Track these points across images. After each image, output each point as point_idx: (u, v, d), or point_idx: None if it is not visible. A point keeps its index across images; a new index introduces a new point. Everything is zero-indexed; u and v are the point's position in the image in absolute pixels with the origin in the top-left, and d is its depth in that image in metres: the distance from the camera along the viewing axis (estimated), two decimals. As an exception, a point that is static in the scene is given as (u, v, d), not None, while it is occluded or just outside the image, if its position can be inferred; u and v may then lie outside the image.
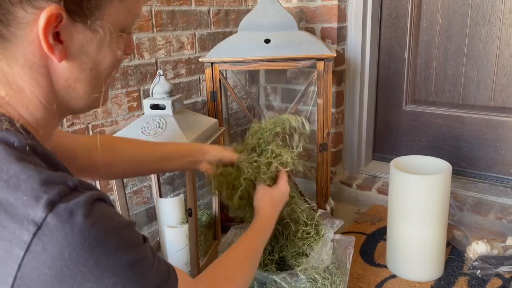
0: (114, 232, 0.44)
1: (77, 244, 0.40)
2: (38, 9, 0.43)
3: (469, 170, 1.63)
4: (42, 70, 0.48)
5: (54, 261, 0.39)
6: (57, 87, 0.50)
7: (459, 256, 1.29)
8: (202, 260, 1.25)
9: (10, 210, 0.40)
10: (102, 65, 0.52)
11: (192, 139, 1.10)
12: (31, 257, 0.39)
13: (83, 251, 0.40)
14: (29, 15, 0.43)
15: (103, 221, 0.43)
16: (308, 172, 1.73)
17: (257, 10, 1.37)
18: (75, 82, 0.51)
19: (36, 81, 0.48)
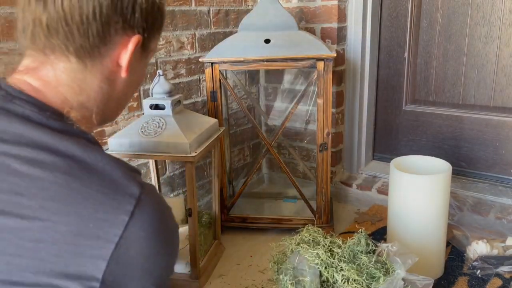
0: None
1: (161, 215, 0.53)
2: (128, 36, 0.56)
3: (469, 170, 1.63)
4: (108, 82, 0.59)
5: (147, 226, 0.51)
6: (113, 96, 0.62)
7: (459, 256, 1.29)
8: (202, 260, 1.25)
9: (114, 184, 0.51)
10: (139, 82, 0.67)
11: (192, 139, 1.10)
12: (133, 223, 0.49)
13: (161, 223, 0.53)
14: (121, 40, 0.56)
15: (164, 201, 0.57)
16: (308, 172, 1.73)
17: (257, 10, 1.37)
18: (124, 93, 0.64)
19: (101, 90, 0.59)
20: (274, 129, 1.76)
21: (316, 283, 0.98)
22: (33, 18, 0.53)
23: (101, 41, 0.55)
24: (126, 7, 0.54)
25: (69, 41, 0.54)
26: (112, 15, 0.53)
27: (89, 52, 0.55)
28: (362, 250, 1.04)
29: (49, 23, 0.53)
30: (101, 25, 0.53)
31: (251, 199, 1.66)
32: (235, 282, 1.25)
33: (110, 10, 0.53)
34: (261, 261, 1.34)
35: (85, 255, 0.47)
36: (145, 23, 0.57)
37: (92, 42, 0.54)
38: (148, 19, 0.58)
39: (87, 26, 0.53)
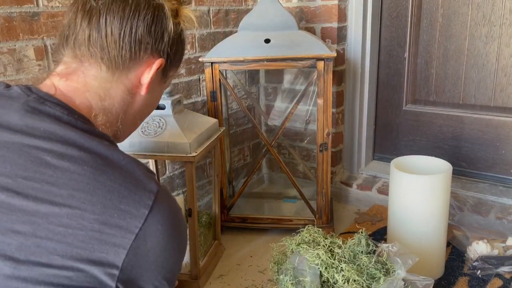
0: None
1: (175, 212, 0.59)
2: (153, 58, 0.65)
3: (469, 170, 1.63)
4: (129, 96, 0.66)
5: (164, 220, 0.56)
6: (130, 111, 0.69)
7: (459, 256, 1.29)
8: (202, 261, 1.25)
9: (136, 180, 0.56)
10: (153, 105, 0.74)
11: (192, 139, 1.10)
12: (151, 216, 0.54)
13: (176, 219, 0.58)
14: (147, 59, 0.64)
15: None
16: (308, 172, 1.73)
17: (257, 10, 1.37)
18: (140, 111, 0.70)
19: (123, 101, 0.66)
20: (274, 129, 1.76)
21: (317, 284, 0.98)
22: (78, 31, 0.61)
23: (131, 57, 0.63)
24: (157, 32, 0.64)
25: (104, 51, 0.61)
26: (145, 36, 0.62)
27: (119, 64, 0.63)
28: (363, 251, 1.04)
29: (92, 36, 0.61)
30: (134, 43, 0.62)
31: (251, 199, 1.66)
32: (235, 282, 1.25)
33: (144, 32, 0.62)
34: (261, 262, 1.33)
35: (108, 243, 0.52)
36: (170, 49, 0.66)
37: (123, 56, 0.62)
38: (172, 46, 0.66)
39: (123, 42, 0.61)
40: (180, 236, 0.61)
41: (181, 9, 0.68)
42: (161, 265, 0.57)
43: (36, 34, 1.05)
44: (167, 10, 0.65)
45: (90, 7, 0.61)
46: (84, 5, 0.62)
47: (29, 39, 1.04)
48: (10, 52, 1.01)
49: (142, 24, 0.61)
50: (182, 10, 0.68)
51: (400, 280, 0.96)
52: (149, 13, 0.62)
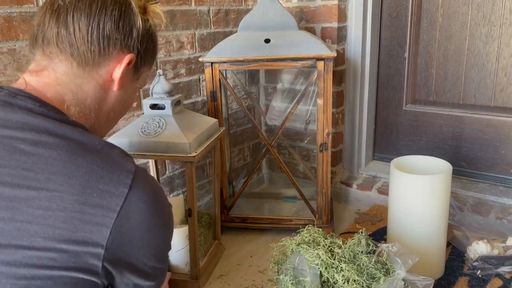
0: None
1: (156, 190, 0.60)
2: (123, 53, 0.66)
3: (469, 170, 1.63)
4: (101, 91, 0.67)
5: (145, 197, 0.58)
6: (104, 108, 0.69)
7: (459, 256, 1.29)
8: (202, 261, 1.25)
9: (113, 161, 0.58)
10: (128, 104, 0.75)
11: (192, 139, 1.10)
12: (131, 194, 0.56)
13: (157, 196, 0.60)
14: (117, 54, 0.66)
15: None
16: (308, 172, 1.73)
17: (257, 10, 1.37)
18: (113, 108, 0.71)
19: (95, 97, 0.67)
20: (274, 129, 1.76)
21: (317, 284, 0.98)
22: (46, 29, 0.63)
23: (100, 53, 0.64)
24: (125, 27, 0.65)
25: (73, 48, 0.63)
26: (113, 32, 0.64)
27: (89, 60, 0.64)
28: (363, 251, 1.04)
29: (60, 33, 0.62)
30: (102, 38, 0.63)
31: (251, 199, 1.66)
32: (235, 282, 1.25)
33: (112, 28, 0.64)
34: (261, 261, 1.33)
35: (91, 222, 0.53)
36: (140, 45, 0.68)
37: (93, 52, 0.63)
38: (142, 42, 0.68)
39: (91, 38, 0.63)
40: (164, 213, 0.61)
41: (148, 6, 0.70)
42: (147, 242, 0.58)
43: (36, 34, 1.05)
44: (135, 7, 0.66)
45: (58, 6, 0.63)
46: (52, 4, 0.63)
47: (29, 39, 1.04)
48: (10, 52, 1.01)
49: (110, 20, 0.63)
50: (150, 7, 0.70)
51: (400, 280, 0.96)
52: (116, 9, 0.64)
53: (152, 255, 0.60)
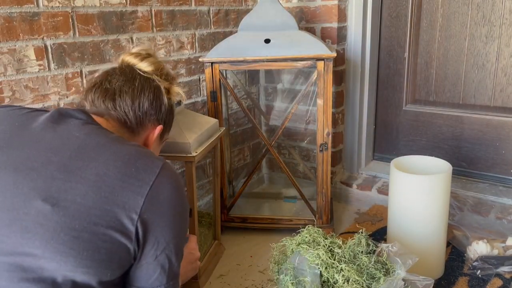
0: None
1: (179, 178, 0.75)
2: (154, 125, 0.85)
3: (469, 170, 1.63)
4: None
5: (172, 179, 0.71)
6: None
7: (459, 256, 1.29)
8: (202, 261, 1.25)
9: (148, 151, 0.75)
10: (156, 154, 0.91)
11: (192, 139, 1.10)
12: (161, 174, 0.70)
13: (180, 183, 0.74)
14: (151, 126, 0.84)
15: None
16: (308, 172, 1.73)
17: (257, 10, 1.37)
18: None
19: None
20: (274, 129, 1.76)
21: (317, 284, 0.98)
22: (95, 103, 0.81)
23: (140, 122, 0.82)
24: (157, 105, 0.84)
25: (121, 116, 0.80)
26: (149, 108, 0.82)
27: (134, 126, 0.82)
28: (363, 251, 1.04)
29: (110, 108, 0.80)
30: (142, 113, 0.82)
31: (251, 199, 1.66)
32: (235, 282, 1.25)
33: (148, 107, 0.82)
34: (261, 261, 1.33)
35: (129, 190, 0.66)
36: (165, 118, 0.87)
37: (136, 121, 0.82)
38: (167, 115, 0.87)
39: (134, 113, 0.81)
40: (184, 198, 0.75)
41: (172, 88, 0.88)
42: (171, 221, 0.71)
43: (36, 34, 1.05)
44: (163, 90, 0.84)
45: (106, 88, 0.81)
46: (101, 85, 0.82)
47: (29, 39, 1.04)
48: (10, 52, 1.01)
49: (147, 100, 0.82)
50: (173, 88, 0.88)
51: (400, 280, 0.96)
52: (151, 92, 0.83)
53: (173, 238, 0.71)
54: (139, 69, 0.85)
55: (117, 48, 1.24)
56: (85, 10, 1.14)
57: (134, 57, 0.86)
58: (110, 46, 1.22)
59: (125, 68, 0.85)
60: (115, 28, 1.22)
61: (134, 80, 0.82)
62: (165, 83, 0.86)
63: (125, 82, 0.82)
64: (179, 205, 0.73)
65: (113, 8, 1.21)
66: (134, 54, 0.87)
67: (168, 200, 0.70)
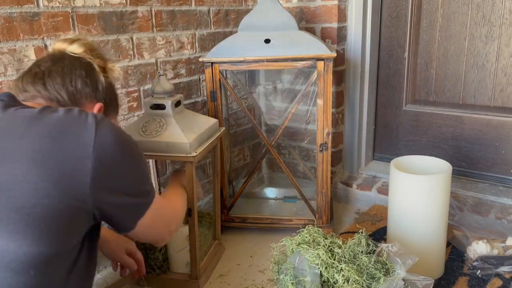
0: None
1: (118, 129, 0.74)
2: (93, 103, 0.82)
3: (469, 170, 1.63)
4: None
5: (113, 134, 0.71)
6: None
7: (459, 256, 1.29)
8: (202, 261, 1.25)
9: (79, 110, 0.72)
10: None
11: (192, 139, 1.10)
12: (100, 129, 0.69)
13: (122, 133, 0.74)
14: (89, 104, 0.82)
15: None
16: (308, 172, 1.73)
17: (257, 10, 1.37)
18: None
19: None
20: (274, 129, 1.76)
21: (317, 283, 0.98)
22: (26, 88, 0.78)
23: (75, 102, 0.80)
24: (92, 83, 0.82)
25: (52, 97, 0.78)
26: (84, 86, 0.81)
27: (69, 104, 0.79)
28: (363, 251, 1.04)
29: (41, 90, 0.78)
30: (76, 92, 0.80)
31: (251, 199, 1.66)
32: (235, 282, 1.25)
33: (82, 84, 0.80)
34: (261, 261, 1.33)
35: (72, 156, 0.66)
36: (105, 95, 0.84)
37: (69, 101, 0.79)
38: (107, 94, 0.85)
39: (67, 92, 0.79)
40: (133, 148, 0.75)
41: (107, 65, 0.86)
42: (127, 173, 0.73)
43: (36, 34, 1.05)
44: (96, 67, 0.83)
45: (35, 73, 0.79)
46: (30, 71, 0.80)
47: (30, 39, 1.04)
48: (11, 52, 1.01)
49: (79, 78, 0.80)
50: (108, 66, 0.86)
51: (400, 280, 0.96)
52: (82, 69, 0.81)
53: (132, 179, 0.74)
54: (70, 52, 0.82)
55: (117, 48, 1.24)
56: (85, 10, 1.14)
57: (63, 42, 0.84)
58: (110, 46, 1.22)
59: (55, 53, 0.83)
60: (115, 28, 1.22)
61: (63, 60, 0.81)
62: (98, 61, 0.84)
63: (53, 64, 0.80)
64: (129, 154, 0.73)
65: (113, 8, 1.21)
66: (63, 39, 0.85)
67: (116, 152, 0.70)
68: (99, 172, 0.67)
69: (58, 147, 0.66)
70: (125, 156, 0.73)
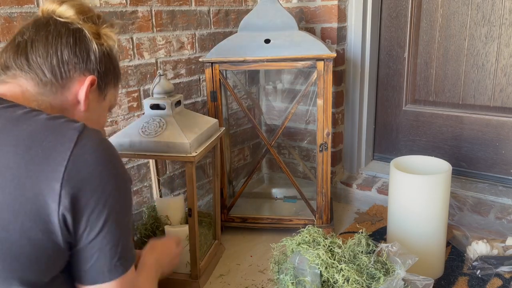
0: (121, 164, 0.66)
1: (103, 142, 0.63)
2: (84, 76, 0.71)
3: (469, 170, 1.63)
4: (68, 112, 0.71)
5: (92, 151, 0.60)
6: None
7: (459, 256, 1.29)
8: (202, 260, 1.25)
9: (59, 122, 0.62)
10: (99, 124, 0.79)
11: (192, 139, 1.10)
12: (78, 148, 0.59)
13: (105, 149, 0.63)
14: (79, 78, 0.71)
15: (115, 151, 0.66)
16: (308, 172, 1.73)
17: (257, 10, 1.37)
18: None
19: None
20: (274, 129, 1.76)
21: (317, 283, 0.98)
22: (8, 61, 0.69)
23: (62, 76, 0.69)
24: (82, 52, 0.71)
25: (36, 73, 0.68)
26: (72, 57, 0.70)
27: (53, 82, 0.69)
28: (363, 251, 1.04)
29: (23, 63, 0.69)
30: (62, 64, 0.69)
31: (251, 199, 1.66)
32: (235, 282, 1.25)
33: (70, 54, 0.70)
34: (261, 261, 1.34)
35: (40, 178, 0.56)
36: (99, 67, 0.73)
37: (55, 75, 0.69)
38: (101, 64, 0.73)
39: (51, 65, 0.68)
40: (117, 168, 0.64)
41: (101, 30, 0.74)
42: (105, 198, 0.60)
43: (36, 34, 1.05)
44: (88, 33, 0.72)
45: (18, 42, 0.70)
46: (14, 41, 0.71)
47: (30, 39, 1.04)
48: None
49: (66, 47, 0.69)
50: (102, 31, 0.74)
51: (400, 280, 0.96)
52: (70, 36, 0.70)
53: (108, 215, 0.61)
54: (58, 15, 0.71)
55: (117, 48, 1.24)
56: (85, 10, 1.14)
57: (52, 2, 0.73)
58: (110, 46, 1.22)
59: (41, 18, 0.72)
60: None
61: (48, 26, 0.70)
62: (91, 26, 0.73)
63: (37, 32, 0.69)
64: (109, 177, 0.61)
65: (113, 8, 1.21)
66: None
67: (94, 178, 0.59)
68: (69, 196, 0.57)
69: (23, 168, 0.56)
70: (106, 178, 0.61)
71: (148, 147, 1.09)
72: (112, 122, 1.26)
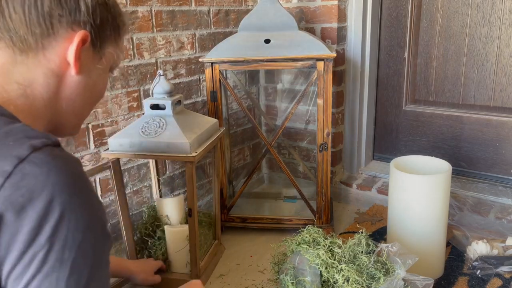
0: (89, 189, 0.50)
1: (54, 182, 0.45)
2: (73, 31, 0.57)
3: (469, 170, 1.63)
4: (54, 78, 0.58)
5: (29, 192, 0.44)
6: (62, 95, 0.60)
7: (459, 256, 1.29)
8: (202, 260, 1.25)
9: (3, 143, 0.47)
10: (97, 90, 0.66)
11: (192, 139, 1.10)
12: (10, 184, 0.44)
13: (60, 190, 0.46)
14: (66, 34, 0.57)
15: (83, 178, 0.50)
16: (308, 172, 1.73)
17: (257, 10, 1.37)
18: (77, 95, 0.62)
19: (48, 86, 0.58)
20: (274, 129, 1.76)
21: (317, 283, 0.98)
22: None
23: (44, 33, 0.55)
24: (69, 2, 0.56)
25: (12, 33, 0.55)
26: (55, 7, 0.55)
27: (33, 43, 0.56)
28: (363, 251, 1.05)
29: (7, 15, 0.54)
30: (43, 18, 0.55)
31: (251, 199, 1.66)
32: (235, 282, 1.25)
33: (53, 5, 0.55)
34: (261, 261, 1.34)
35: None
36: (92, 19, 0.58)
37: (35, 34, 0.55)
38: (95, 15, 0.59)
39: (30, 19, 0.54)
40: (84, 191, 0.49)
41: None
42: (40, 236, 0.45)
43: (36, 34, 1.05)
44: None
45: None
46: None
47: (30, 39, 1.04)
48: None
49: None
50: None
51: (400, 280, 0.96)
52: None
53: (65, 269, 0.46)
54: None
55: (117, 48, 1.24)
56: (85, 10, 1.14)
57: None
58: (110, 46, 1.22)
59: None
60: (115, 28, 1.22)
61: None
62: None
63: None
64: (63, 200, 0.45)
65: (113, 8, 1.21)
66: None
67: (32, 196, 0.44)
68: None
69: None
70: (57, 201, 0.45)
71: (148, 147, 1.09)
72: (112, 122, 1.26)
